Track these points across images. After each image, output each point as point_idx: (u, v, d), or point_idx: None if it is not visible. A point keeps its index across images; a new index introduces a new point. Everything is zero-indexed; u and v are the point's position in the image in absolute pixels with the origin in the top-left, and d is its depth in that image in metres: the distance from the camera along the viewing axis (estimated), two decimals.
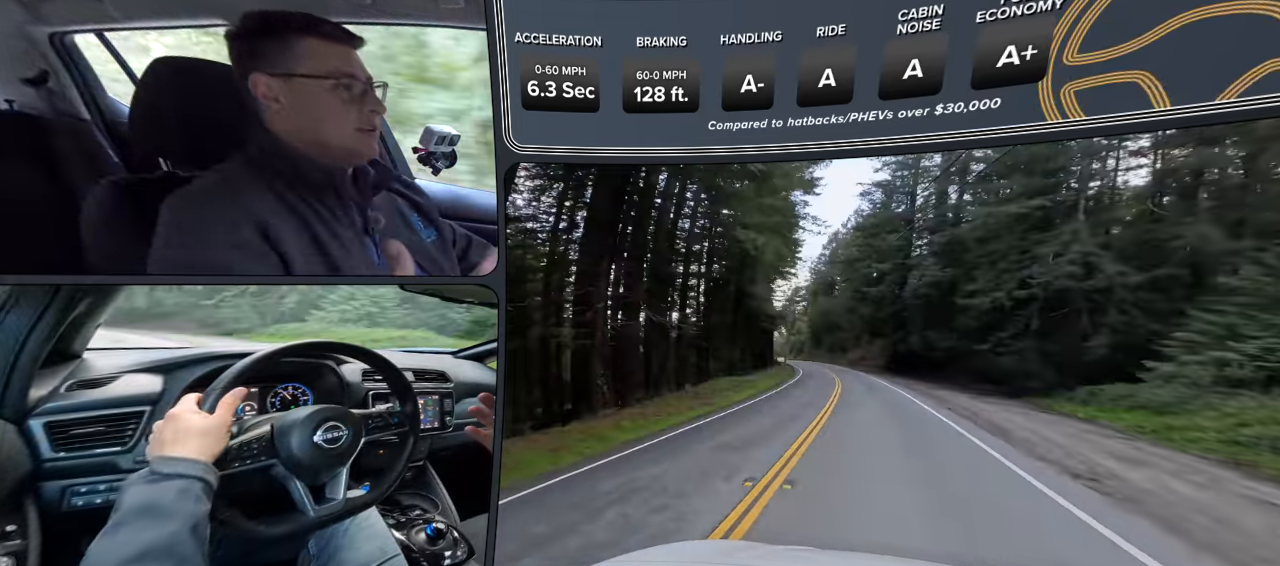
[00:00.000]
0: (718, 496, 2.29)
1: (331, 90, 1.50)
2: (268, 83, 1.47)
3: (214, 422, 1.17)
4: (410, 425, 1.64)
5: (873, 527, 2.10)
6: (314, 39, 1.49)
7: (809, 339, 3.94)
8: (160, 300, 2.38)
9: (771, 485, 2.32)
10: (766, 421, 3.05)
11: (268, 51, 1.47)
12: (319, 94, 1.49)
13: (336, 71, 1.50)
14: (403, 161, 1.98)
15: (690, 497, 2.32)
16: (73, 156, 1.70)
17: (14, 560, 1.45)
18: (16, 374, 1.54)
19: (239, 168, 1.50)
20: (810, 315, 3.91)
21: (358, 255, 1.58)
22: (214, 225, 1.43)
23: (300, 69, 1.47)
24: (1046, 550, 1.99)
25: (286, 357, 1.63)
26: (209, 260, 1.43)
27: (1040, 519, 2.12)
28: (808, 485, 2.34)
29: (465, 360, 2.41)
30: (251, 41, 1.48)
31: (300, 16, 1.48)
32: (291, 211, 1.50)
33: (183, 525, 0.99)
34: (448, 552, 1.80)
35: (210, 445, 1.14)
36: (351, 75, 1.51)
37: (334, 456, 1.38)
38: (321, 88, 1.49)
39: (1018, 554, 1.93)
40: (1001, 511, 2.18)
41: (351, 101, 1.52)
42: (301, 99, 1.49)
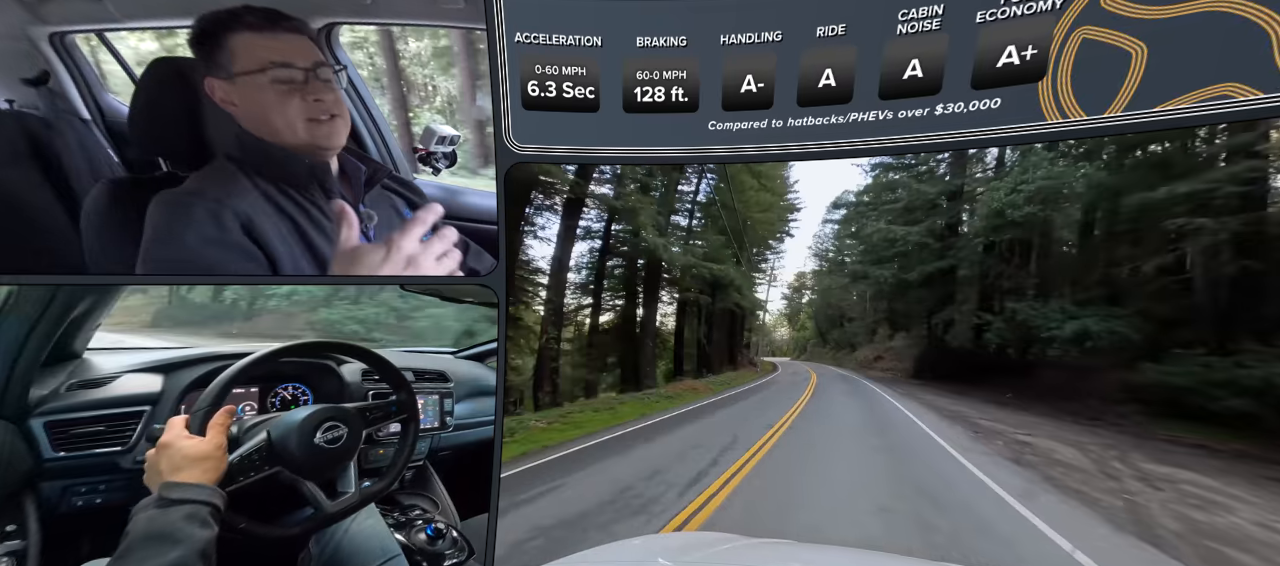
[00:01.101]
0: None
1: (270, 83, 1.43)
2: (220, 87, 1.44)
3: (209, 447, 1.15)
4: (410, 422, 1.64)
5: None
6: (245, 33, 1.42)
7: (813, 335, 3.35)
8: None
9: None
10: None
11: (212, 54, 1.42)
12: (260, 89, 1.43)
13: (270, 62, 1.42)
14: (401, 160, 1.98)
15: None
16: (73, 156, 1.70)
17: (14, 560, 1.45)
18: (16, 374, 1.54)
19: (223, 166, 1.48)
20: (813, 303, 3.28)
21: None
22: (201, 225, 1.40)
23: (238, 67, 1.42)
24: None
25: (286, 358, 1.63)
26: (196, 259, 1.40)
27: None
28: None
29: (465, 360, 2.41)
30: (201, 47, 1.44)
31: (229, 13, 1.41)
32: (277, 208, 1.48)
33: (190, 550, 0.99)
34: (448, 552, 1.80)
35: (210, 471, 1.13)
36: (287, 63, 1.43)
37: (337, 455, 1.37)
38: (261, 82, 1.42)
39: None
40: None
41: (292, 90, 1.44)
42: (247, 98, 1.43)
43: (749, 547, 1.59)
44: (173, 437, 1.16)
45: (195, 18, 1.44)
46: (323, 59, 1.49)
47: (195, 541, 1.00)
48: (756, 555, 1.55)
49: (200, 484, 1.09)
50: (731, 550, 1.54)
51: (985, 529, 1.49)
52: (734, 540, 1.61)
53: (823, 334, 3.30)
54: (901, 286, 2.64)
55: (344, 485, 1.42)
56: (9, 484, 1.48)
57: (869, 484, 1.73)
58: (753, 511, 1.70)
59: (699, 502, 1.75)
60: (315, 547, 1.56)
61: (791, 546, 1.66)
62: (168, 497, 1.05)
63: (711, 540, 1.64)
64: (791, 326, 3.40)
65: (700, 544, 1.66)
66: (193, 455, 1.13)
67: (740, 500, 1.71)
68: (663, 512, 1.70)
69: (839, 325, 3.20)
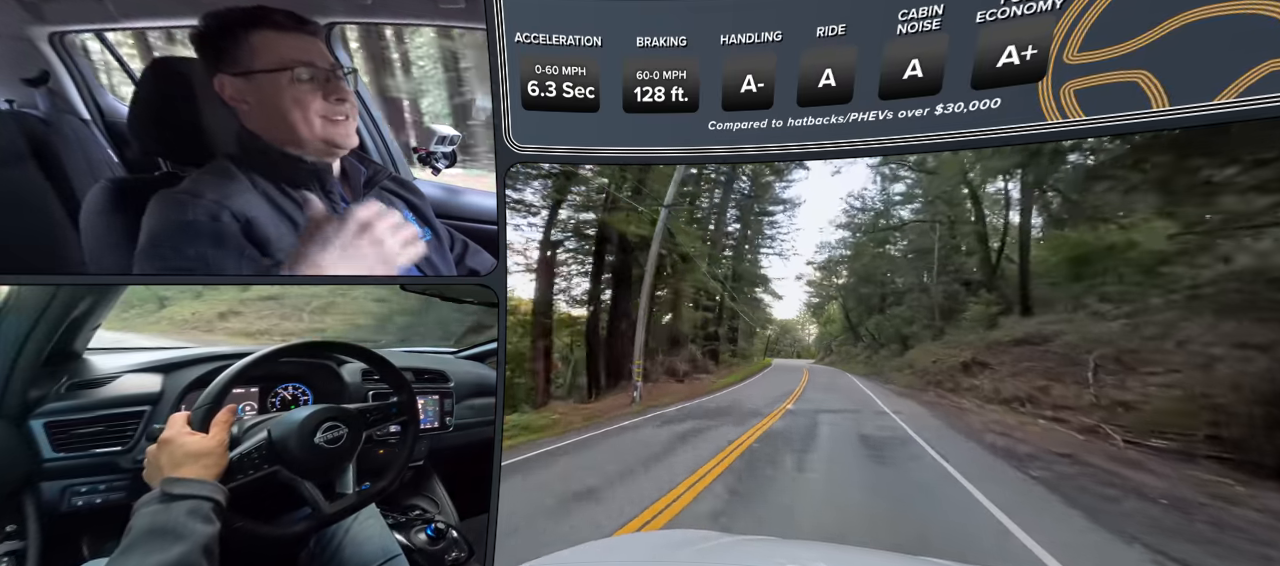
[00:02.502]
0: None
1: (291, 81, 1.45)
2: (232, 83, 1.44)
3: (212, 443, 1.16)
4: (410, 423, 1.64)
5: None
6: (267, 31, 1.44)
7: (841, 330, 2.28)
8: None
9: None
10: None
11: (226, 50, 1.43)
12: (280, 87, 1.45)
13: (293, 61, 1.45)
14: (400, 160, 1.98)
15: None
16: (72, 156, 1.70)
17: (14, 560, 1.45)
18: (16, 374, 1.54)
19: (222, 166, 1.48)
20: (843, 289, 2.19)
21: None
22: (195, 224, 1.40)
23: (257, 64, 1.43)
24: None
25: (286, 358, 1.63)
26: (195, 260, 1.41)
27: None
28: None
29: (465, 360, 2.41)
30: (211, 42, 1.45)
31: (250, 10, 1.43)
32: (277, 209, 1.48)
33: (193, 546, 0.99)
34: (448, 553, 1.80)
35: (212, 467, 1.13)
36: (308, 62, 1.46)
37: (336, 455, 1.37)
38: (281, 80, 1.45)
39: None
40: None
41: (313, 90, 1.47)
42: (264, 95, 1.45)
43: (731, 544, 1.60)
44: (174, 434, 1.16)
45: (202, 14, 1.44)
46: (338, 60, 1.51)
47: (198, 536, 1.01)
48: (738, 552, 1.55)
49: (202, 479, 1.09)
50: (714, 548, 1.55)
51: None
52: (717, 538, 1.62)
53: (854, 326, 2.35)
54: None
55: (342, 486, 1.42)
56: (9, 484, 1.48)
57: None
58: None
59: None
60: (316, 547, 1.56)
61: (773, 543, 1.67)
62: (170, 493, 1.05)
63: (694, 538, 1.65)
64: (818, 321, 2.68)
65: (683, 542, 1.67)
66: (195, 451, 1.13)
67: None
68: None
69: (879, 309, 2.31)
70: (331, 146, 1.53)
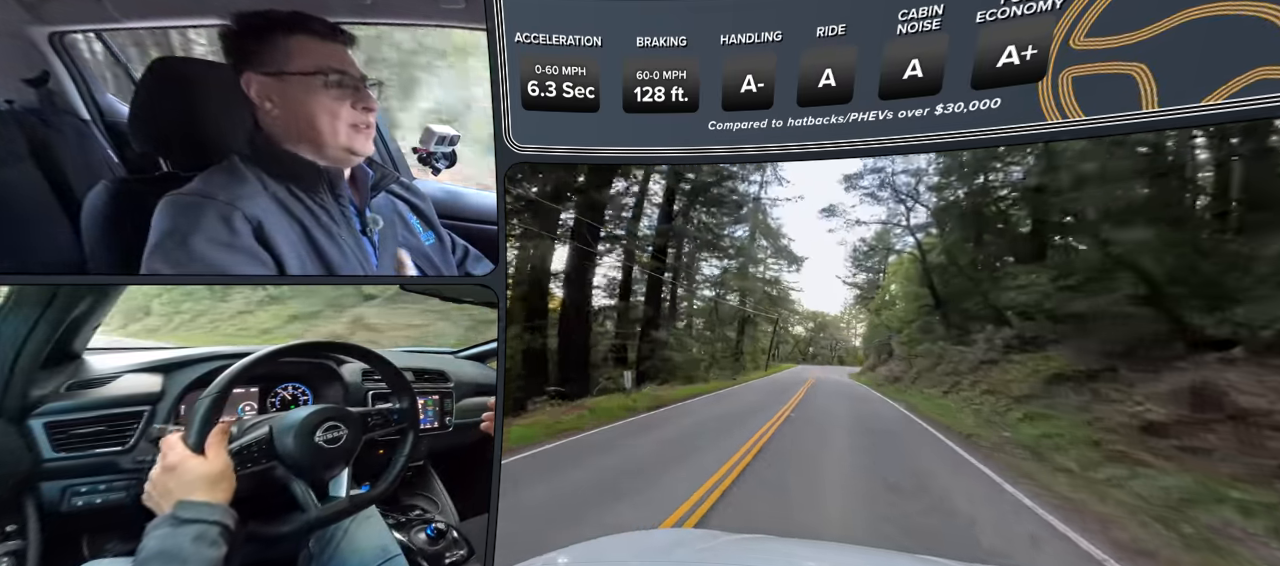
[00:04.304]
0: None
1: (323, 87, 1.48)
2: (260, 82, 1.46)
3: (221, 467, 1.18)
4: (410, 423, 1.64)
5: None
6: (304, 36, 1.47)
7: (905, 320, 2.01)
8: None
9: None
10: None
11: (259, 50, 1.46)
12: (311, 91, 1.48)
13: (328, 67, 1.48)
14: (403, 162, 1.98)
15: None
16: (72, 156, 1.70)
17: (14, 560, 1.45)
18: (16, 374, 1.54)
19: (234, 168, 1.49)
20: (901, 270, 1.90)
21: (355, 255, 1.57)
22: (208, 226, 1.41)
23: (292, 66, 1.46)
24: None
25: (286, 358, 1.63)
26: (206, 262, 1.41)
27: None
28: None
29: (465, 360, 2.41)
30: (243, 41, 1.47)
31: (290, 15, 1.47)
32: (287, 212, 1.49)
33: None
34: (448, 553, 1.80)
35: (223, 491, 1.16)
36: (343, 71, 1.50)
37: (335, 456, 1.37)
38: (313, 84, 1.48)
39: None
40: None
41: (344, 97, 1.51)
42: (294, 97, 1.48)
43: (731, 544, 1.60)
44: (179, 458, 1.16)
45: (234, 13, 1.47)
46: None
47: (204, 561, 1.05)
48: (741, 551, 1.56)
49: (214, 503, 1.13)
50: (714, 548, 1.56)
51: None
52: (717, 538, 1.62)
53: (940, 302, 1.78)
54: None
55: (335, 490, 1.42)
56: (9, 484, 1.48)
57: None
58: None
59: None
60: (315, 547, 1.56)
61: (773, 543, 1.67)
62: (181, 517, 1.08)
63: (697, 537, 1.66)
64: (870, 311, 2.15)
65: (687, 540, 1.67)
66: (206, 475, 1.15)
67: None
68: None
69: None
70: (351, 153, 1.56)
